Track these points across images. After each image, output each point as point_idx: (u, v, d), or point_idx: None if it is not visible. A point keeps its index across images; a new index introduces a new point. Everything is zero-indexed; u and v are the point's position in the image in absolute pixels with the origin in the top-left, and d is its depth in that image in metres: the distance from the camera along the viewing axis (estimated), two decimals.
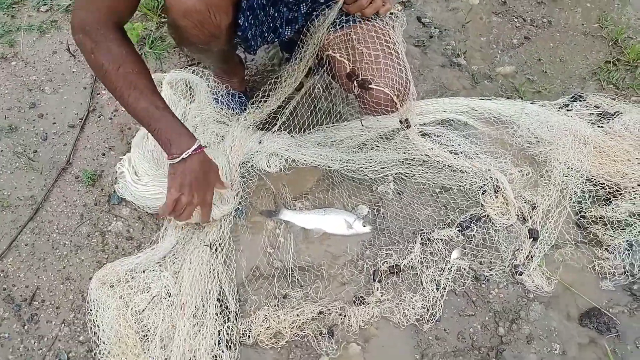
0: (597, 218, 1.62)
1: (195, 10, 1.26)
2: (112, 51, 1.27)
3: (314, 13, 1.52)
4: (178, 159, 1.35)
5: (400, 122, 1.55)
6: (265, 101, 1.83)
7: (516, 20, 2.25)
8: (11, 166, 1.75)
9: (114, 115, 1.92)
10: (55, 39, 2.15)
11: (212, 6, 1.27)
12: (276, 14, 1.51)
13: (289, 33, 1.56)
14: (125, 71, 1.29)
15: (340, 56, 1.47)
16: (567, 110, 1.87)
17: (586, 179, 1.69)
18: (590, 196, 1.67)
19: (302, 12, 1.52)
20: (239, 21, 1.38)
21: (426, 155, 1.73)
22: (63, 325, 1.42)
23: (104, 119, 1.91)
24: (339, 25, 1.51)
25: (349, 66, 1.46)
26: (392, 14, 1.53)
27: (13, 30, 2.16)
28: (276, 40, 1.62)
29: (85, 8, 1.26)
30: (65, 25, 2.19)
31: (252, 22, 1.42)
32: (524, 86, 2.02)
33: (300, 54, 1.60)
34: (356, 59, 1.46)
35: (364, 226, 1.59)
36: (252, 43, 1.48)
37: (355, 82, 1.44)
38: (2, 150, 1.79)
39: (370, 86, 1.42)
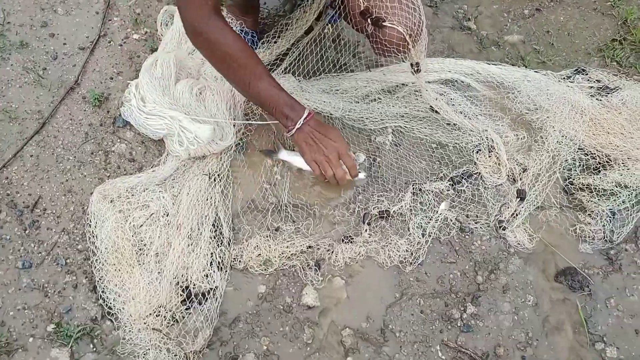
0: (584, 185, 1.68)
1: None
2: (227, 45, 1.39)
3: None
4: (295, 129, 1.49)
5: (411, 65, 1.56)
6: (275, 42, 1.86)
7: None
8: (20, 80, 1.78)
9: (124, 42, 1.94)
10: None
11: None
12: None
13: None
14: (243, 60, 1.41)
15: None
16: (569, 81, 1.90)
17: (578, 148, 1.74)
18: (580, 164, 1.72)
19: None
20: None
21: (429, 107, 1.76)
22: (63, 233, 1.48)
23: (114, 44, 1.92)
24: None
25: (363, 4, 1.47)
26: None
27: None
28: None
29: (188, 9, 1.37)
30: None
31: None
32: (529, 55, 2.04)
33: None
34: None
35: (359, 172, 1.63)
36: None
37: (368, 20, 1.46)
38: (12, 65, 1.82)
39: (383, 24, 1.44)
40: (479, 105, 1.86)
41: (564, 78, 1.93)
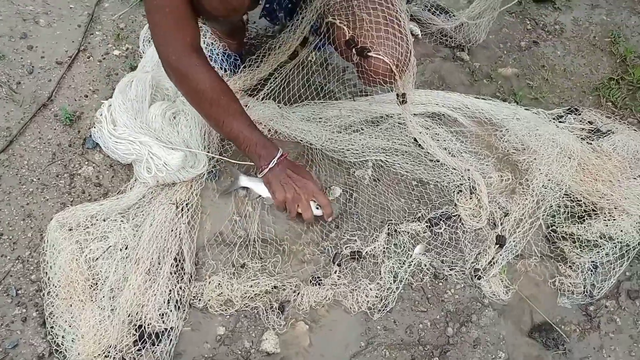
0: (567, 234, 1.61)
1: None
2: (202, 81, 1.36)
3: None
4: (267, 169, 1.47)
5: (397, 95, 1.50)
6: (258, 66, 1.80)
7: (528, 22, 2.19)
8: None
9: (104, 58, 1.88)
10: None
11: None
12: None
13: None
14: (217, 97, 1.38)
15: (340, 22, 1.43)
16: (560, 121, 1.83)
17: (564, 194, 1.67)
18: (565, 211, 1.65)
19: None
20: None
21: (413, 140, 1.70)
22: (17, 261, 1.43)
23: (93, 60, 1.87)
24: None
25: (349, 33, 1.41)
26: None
27: None
28: (290, 5, 1.59)
29: (164, 44, 1.33)
30: None
31: None
32: (522, 90, 1.97)
33: (298, 19, 1.56)
34: (356, 25, 1.41)
35: (317, 208, 1.54)
36: (276, 14, 1.52)
37: (354, 50, 1.40)
38: None
39: (369, 54, 1.38)
40: (465, 142, 1.80)
41: (556, 117, 1.86)
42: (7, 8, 1.97)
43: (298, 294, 1.46)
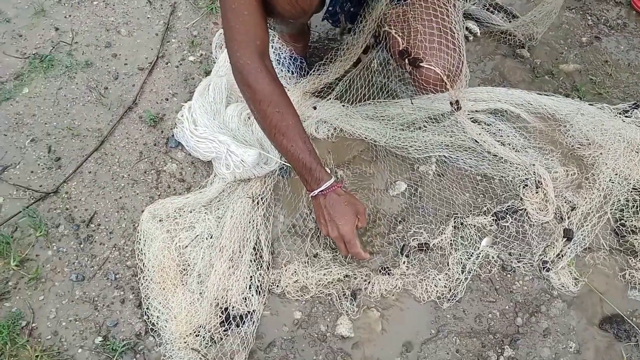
0: (636, 228, 1.61)
1: None
2: (262, 89, 1.35)
3: None
4: (310, 195, 1.46)
5: (451, 103, 1.56)
6: (324, 71, 1.89)
7: (589, 18, 2.18)
8: (84, 99, 1.90)
9: (180, 64, 2.03)
10: None
11: None
12: None
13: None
14: (274, 110, 1.37)
15: (395, 33, 1.50)
16: (626, 116, 1.83)
17: (632, 188, 1.67)
18: (634, 205, 1.65)
19: None
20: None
21: (474, 140, 1.74)
22: (114, 249, 1.57)
23: (171, 66, 2.02)
24: (397, 0, 1.53)
25: (403, 43, 1.48)
26: None
27: None
28: (352, 9, 1.67)
29: (235, 46, 1.35)
30: None
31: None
32: (585, 86, 1.98)
33: (359, 28, 1.64)
34: (410, 36, 1.47)
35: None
36: (338, 17, 1.52)
37: (406, 60, 1.47)
38: (77, 83, 1.94)
39: (421, 64, 1.44)
40: (529, 138, 1.82)
41: (621, 112, 1.85)
42: (91, 19, 2.15)
43: (369, 282, 1.53)
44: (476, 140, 1.74)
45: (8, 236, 1.57)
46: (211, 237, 1.54)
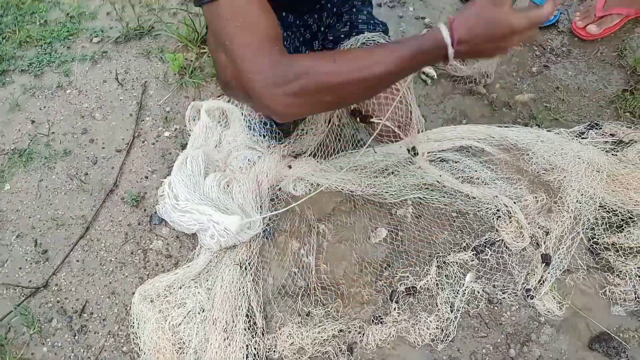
0: (609, 244, 1.68)
1: None
2: (314, 67, 1.07)
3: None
4: (451, 51, 1.05)
5: (408, 150, 1.66)
6: (298, 139, 1.97)
7: (536, 48, 2.32)
8: (65, 188, 1.95)
9: (157, 141, 2.09)
10: (105, 69, 2.35)
11: None
12: (307, 52, 1.67)
13: None
14: (335, 63, 1.08)
15: None
16: (583, 138, 1.93)
17: (599, 206, 1.75)
18: (603, 223, 1.73)
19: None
20: None
21: (436, 181, 1.83)
22: (109, 336, 1.59)
23: (148, 144, 2.09)
24: None
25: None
26: None
27: (68, 61, 2.38)
28: None
29: (252, 65, 1.07)
30: (114, 56, 2.39)
31: None
32: (541, 114, 2.09)
33: None
34: None
35: None
36: None
37: (358, 118, 1.57)
38: (57, 173, 1.99)
39: (371, 120, 1.54)
40: (495, 170, 1.91)
41: (578, 135, 1.96)
42: (66, 108, 2.22)
43: (363, 334, 1.57)
44: (438, 181, 1.82)
45: (2, 337, 1.58)
46: (203, 311, 1.56)
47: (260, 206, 1.84)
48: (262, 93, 1.06)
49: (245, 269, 1.69)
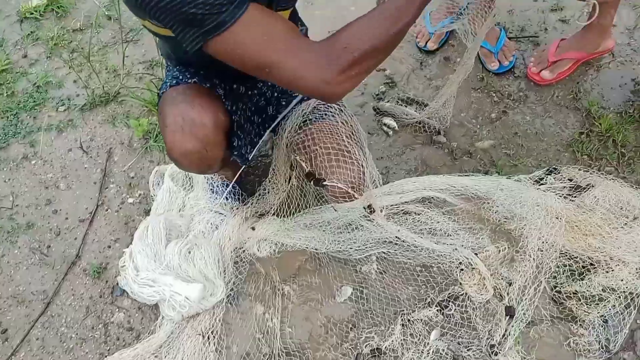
0: (572, 293, 1.68)
1: (193, 151, 1.42)
2: (345, 39, 1.12)
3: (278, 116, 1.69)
4: None
5: (364, 208, 1.67)
6: (261, 198, 1.98)
7: (494, 95, 2.37)
8: (27, 262, 1.93)
9: (120, 208, 2.10)
10: (71, 137, 2.37)
11: (208, 144, 1.43)
12: (260, 120, 1.70)
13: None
14: (354, 31, 1.13)
15: (299, 159, 1.63)
16: (541, 184, 1.96)
17: (560, 254, 1.76)
18: (565, 270, 1.73)
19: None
20: (234, 143, 1.54)
21: (396, 237, 1.83)
22: None
23: (111, 212, 2.09)
24: (300, 125, 1.67)
25: (307, 167, 1.61)
26: None
27: (34, 131, 2.40)
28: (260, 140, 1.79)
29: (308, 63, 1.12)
30: (80, 124, 2.42)
31: (242, 137, 1.59)
32: (501, 160, 2.12)
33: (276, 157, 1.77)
34: (312, 159, 1.61)
35: None
36: (247, 155, 1.65)
37: (312, 182, 1.59)
38: (20, 247, 1.98)
39: (324, 183, 1.56)
40: (457, 220, 1.92)
41: (537, 181, 1.98)
42: (30, 179, 2.23)
43: None
44: (397, 237, 1.83)
45: None
46: None
47: (224, 270, 1.83)
48: (321, 85, 1.12)
49: (208, 338, 1.67)
